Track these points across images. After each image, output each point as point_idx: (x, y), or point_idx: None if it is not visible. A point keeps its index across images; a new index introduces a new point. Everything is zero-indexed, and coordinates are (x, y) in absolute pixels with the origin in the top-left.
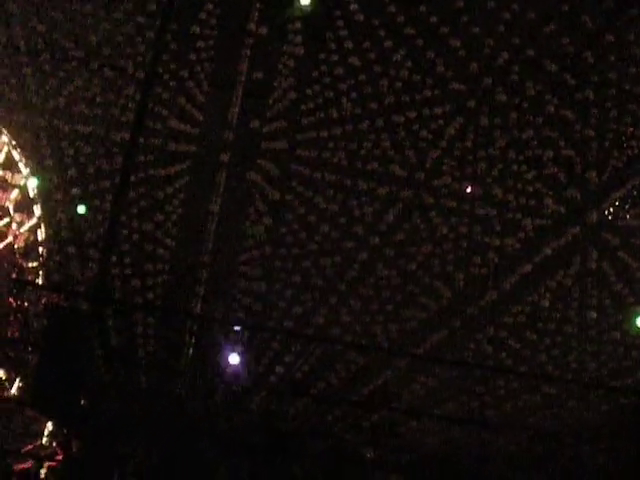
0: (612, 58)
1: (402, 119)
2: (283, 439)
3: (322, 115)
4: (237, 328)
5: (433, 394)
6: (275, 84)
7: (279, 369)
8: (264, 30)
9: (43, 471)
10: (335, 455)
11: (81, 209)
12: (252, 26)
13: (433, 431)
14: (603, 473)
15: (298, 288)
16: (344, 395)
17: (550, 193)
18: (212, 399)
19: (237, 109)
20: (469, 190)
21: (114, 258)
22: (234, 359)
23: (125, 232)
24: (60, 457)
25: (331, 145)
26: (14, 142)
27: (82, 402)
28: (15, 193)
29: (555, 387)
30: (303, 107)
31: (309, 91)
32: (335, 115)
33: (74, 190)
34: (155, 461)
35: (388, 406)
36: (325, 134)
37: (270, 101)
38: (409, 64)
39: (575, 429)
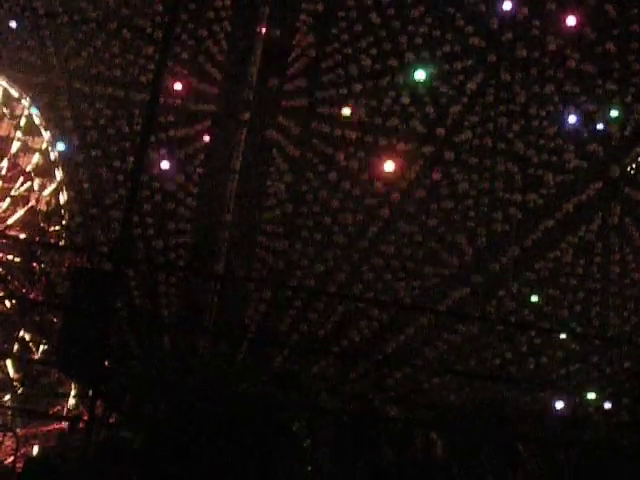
0: (634, 11)
1: (422, 75)
2: (305, 397)
3: (342, 72)
4: None
5: (456, 351)
6: (294, 42)
7: (302, 327)
8: None
9: None
10: (359, 412)
11: None
12: None
13: (455, 388)
14: (625, 429)
15: (320, 246)
16: (367, 353)
17: (572, 148)
18: (235, 358)
19: (256, 67)
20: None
21: (136, 219)
22: None
23: (147, 193)
24: (86, 418)
25: (351, 102)
26: (34, 106)
27: (107, 363)
28: (36, 157)
29: (577, 343)
30: (323, 64)
31: (329, 48)
32: (355, 72)
33: (95, 152)
34: (178, 421)
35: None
36: (345, 91)
37: (289, 59)
38: (429, 20)
39: (598, 385)
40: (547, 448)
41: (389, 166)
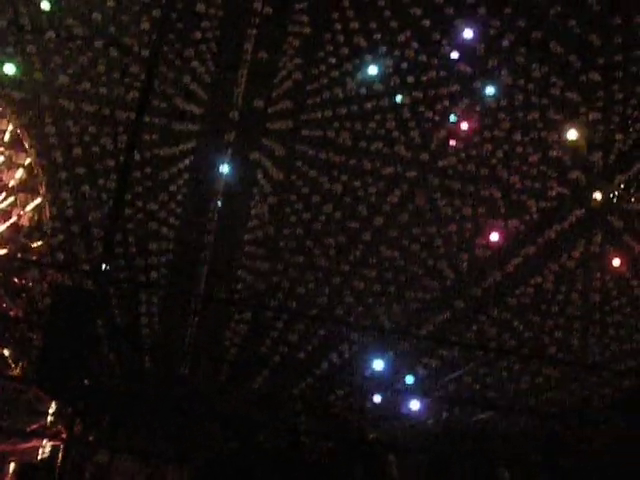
0: (618, 40)
1: (407, 99)
2: (285, 419)
3: (327, 95)
4: None
5: (435, 375)
6: (280, 64)
7: (282, 349)
8: (269, 9)
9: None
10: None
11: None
12: (257, 5)
13: (434, 412)
14: (605, 456)
15: (302, 268)
16: (346, 376)
17: (555, 175)
18: (215, 379)
19: (242, 89)
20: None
21: (118, 237)
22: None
23: (129, 211)
24: (64, 436)
25: (336, 125)
26: (18, 121)
27: (86, 381)
28: (19, 172)
29: (558, 369)
30: (308, 87)
31: (314, 71)
32: (340, 95)
33: (78, 169)
34: (159, 440)
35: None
36: (330, 114)
37: (275, 81)
38: (415, 45)
39: (577, 412)
40: (527, 473)
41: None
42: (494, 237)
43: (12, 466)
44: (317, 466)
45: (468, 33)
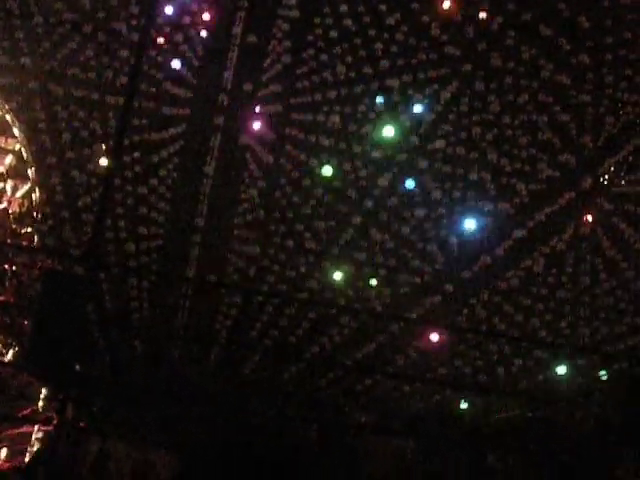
0: (608, 23)
1: (397, 83)
2: (277, 403)
3: (317, 79)
4: None
5: (426, 359)
6: (269, 48)
7: (272, 333)
8: None
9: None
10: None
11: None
12: None
13: (426, 396)
14: (594, 439)
15: (292, 252)
16: (337, 359)
17: (545, 158)
18: (206, 363)
19: (231, 72)
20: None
21: (108, 222)
22: None
23: (119, 196)
24: (55, 422)
25: (326, 108)
26: (7, 106)
27: (77, 367)
28: (9, 158)
29: (547, 352)
30: (298, 71)
31: (304, 54)
32: (330, 79)
33: (68, 154)
34: (149, 425)
35: (381, 370)
36: (320, 98)
37: (264, 64)
38: (404, 28)
39: (567, 395)
40: (518, 457)
41: None
42: None
43: (4, 452)
44: (310, 451)
45: (457, 16)
